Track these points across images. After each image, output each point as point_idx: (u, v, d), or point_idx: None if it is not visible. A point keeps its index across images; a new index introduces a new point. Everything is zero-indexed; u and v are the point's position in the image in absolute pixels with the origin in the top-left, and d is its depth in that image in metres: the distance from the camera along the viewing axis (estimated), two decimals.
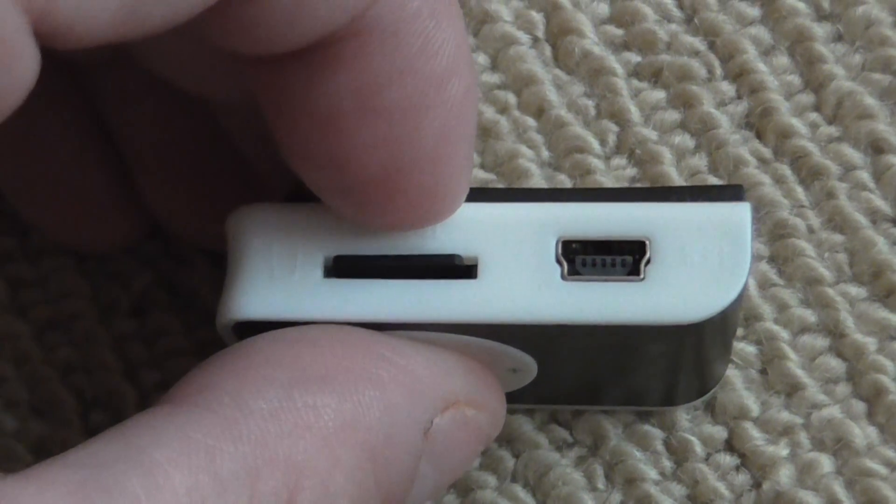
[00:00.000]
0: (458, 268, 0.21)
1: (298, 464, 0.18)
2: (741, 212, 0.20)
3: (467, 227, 0.21)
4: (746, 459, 0.26)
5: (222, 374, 0.19)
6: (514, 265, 0.21)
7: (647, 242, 0.21)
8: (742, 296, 0.21)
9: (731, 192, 0.21)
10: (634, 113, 0.28)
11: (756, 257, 0.25)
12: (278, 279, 0.21)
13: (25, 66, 0.16)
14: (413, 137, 0.20)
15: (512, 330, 0.21)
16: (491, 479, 0.26)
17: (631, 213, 0.21)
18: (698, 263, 0.20)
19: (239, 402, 0.19)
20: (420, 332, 0.21)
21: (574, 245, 0.21)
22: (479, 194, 0.21)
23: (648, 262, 0.20)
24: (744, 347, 0.26)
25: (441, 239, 0.21)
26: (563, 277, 0.21)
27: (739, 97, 0.28)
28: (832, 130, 0.27)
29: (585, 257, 0.21)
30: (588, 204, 0.21)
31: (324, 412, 0.19)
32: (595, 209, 0.21)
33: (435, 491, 0.22)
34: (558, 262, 0.21)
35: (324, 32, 0.19)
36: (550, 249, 0.21)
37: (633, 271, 0.20)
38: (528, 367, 0.23)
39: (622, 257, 0.21)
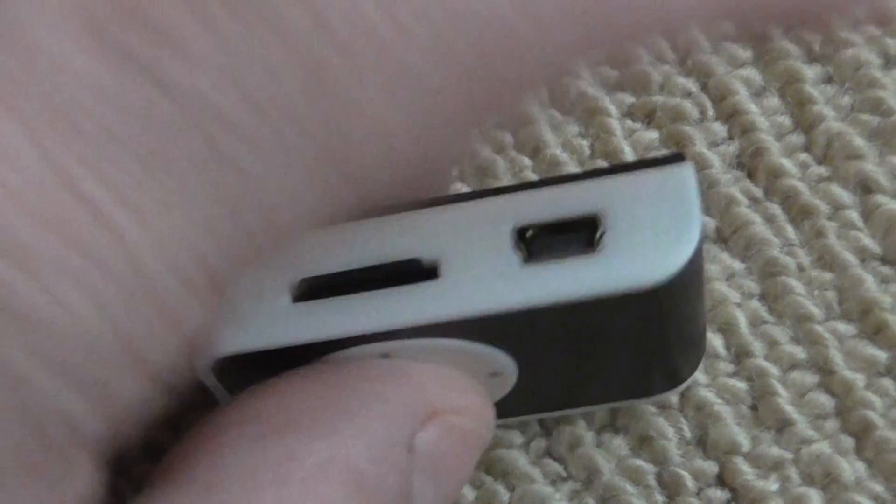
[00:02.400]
0: (420, 271, 0.21)
1: None
2: (685, 172, 0.21)
3: (426, 230, 0.21)
4: (737, 494, 0.26)
5: (196, 444, 0.19)
6: (474, 259, 0.21)
7: (599, 216, 0.21)
8: (699, 259, 0.21)
9: (673, 158, 0.21)
10: (628, 153, 0.28)
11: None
12: (249, 311, 0.21)
13: None
14: None
15: (480, 324, 0.21)
16: None
17: (580, 191, 0.21)
18: (650, 229, 0.20)
19: (215, 469, 0.19)
20: (396, 343, 0.21)
21: (529, 231, 0.21)
22: (435, 200, 0.22)
23: (602, 235, 0.21)
24: (735, 384, 0.27)
25: (401, 245, 0.21)
26: (521, 264, 0.21)
27: (731, 137, 0.28)
28: (822, 170, 0.28)
29: (541, 241, 0.21)
30: (538, 190, 0.21)
31: (300, 456, 0.19)
32: (545, 194, 0.21)
33: (442, 500, 0.22)
34: (516, 249, 0.21)
35: None
36: (507, 239, 0.21)
37: (588, 246, 0.21)
38: (506, 368, 0.23)
39: (576, 235, 0.21)
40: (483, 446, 0.23)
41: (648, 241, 0.20)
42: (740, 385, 0.27)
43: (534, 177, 0.28)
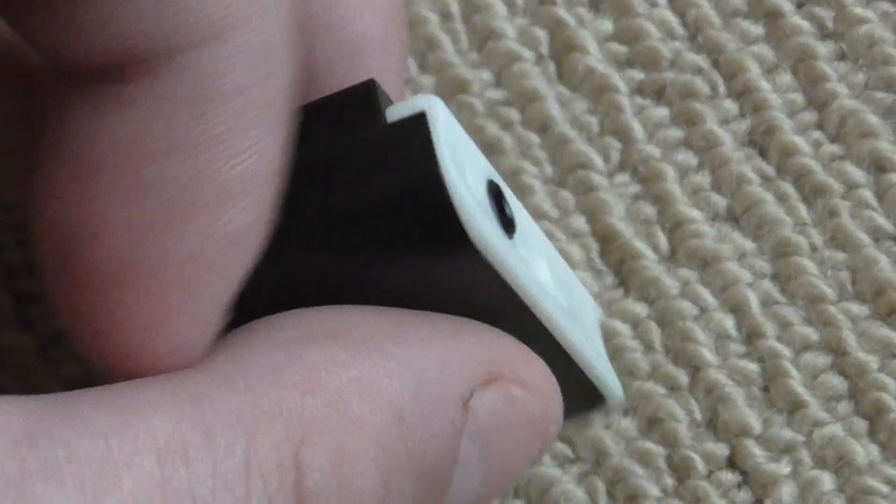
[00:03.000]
0: None
1: (306, 418, 0.16)
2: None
3: None
4: (748, 477, 0.26)
5: (217, 342, 0.17)
6: None
7: None
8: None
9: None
10: (638, 130, 0.28)
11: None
12: None
13: None
14: (160, 242, 0.16)
15: None
16: None
17: None
18: None
19: (236, 358, 0.16)
20: None
21: None
22: None
23: None
24: (746, 365, 0.26)
25: None
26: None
27: (742, 115, 0.28)
28: (835, 149, 0.28)
29: None
30: None
31: (334, 367, 0.16)
32: None
33: (488, 489, 0.19)
34: None
35: (128, 52, 0.16)
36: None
37: None
38: None
39: None
40: (545, 444, 0.20)
41: None
42: (752, 366, 0.26)
43: (542, 154, 0.28)
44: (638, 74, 0.28)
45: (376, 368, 0.17)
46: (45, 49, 0.16)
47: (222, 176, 0.16)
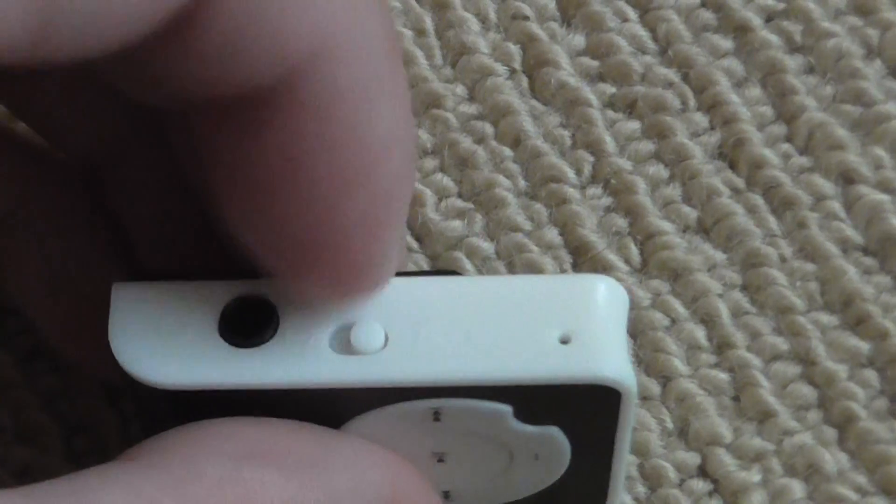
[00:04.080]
0: None
1: None
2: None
3: None
4: (719, 485, 0.26)
5: (176, 441, 0.20)
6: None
7: None
8: None
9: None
10: (609, 143, 0.28)
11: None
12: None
13: None
14: (335, 212, 0.20)
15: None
16: None
17: None
18: None
19: (189, 466, 0.19)
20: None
21: None
22: None
23: None
24: (717, 375, 0.27)
25: None
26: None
27: (713, 128, 0.28)
28: (804, 161, 0.28)
29: None
30: None
31: (269, 487, 0.19)
32: None
33: None
34: None
35: (252, 85, 0.19)
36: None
37: None
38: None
39: None
40: None
41: None
42: (722, 376, 0.27)
43: (515, 168, 0.28)
44: (609, 88, 0.29)
45: (303, 495, 0.19)
46: (185, 94, 0.19)
47: (369, 143, 0.19)
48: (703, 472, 0.26)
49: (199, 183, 0.23)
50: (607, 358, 0.21)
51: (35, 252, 0.24)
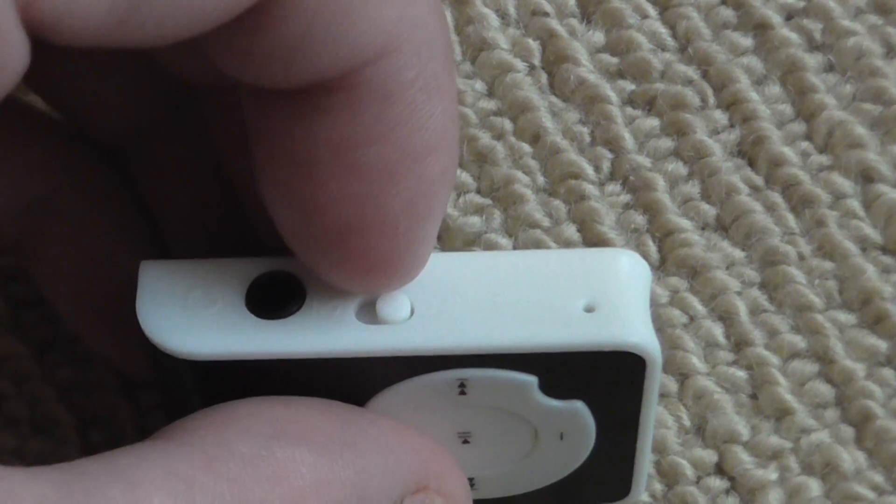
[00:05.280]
0: None
1: None
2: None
3: None
4: (736, 483, 0.26)
5: (206, 421, 0.20)
6: None
7: None
8: None
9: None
10: (628, 140, 0.28)
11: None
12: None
13: (13, 51, 0.16)
14: (379, 202, 0.20)
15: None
16: None
17: None
18: None
19: (221, 444, 0.19)
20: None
21: None
22: None
23: None
24: (735, 372, 0.27)
25: None
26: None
27: (732, 125, 0.28)
28: (823, 159, 0.28)
29: None
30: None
31: (300, 465, 0.19)
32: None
33: None
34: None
35: (319, 78, 0.19)
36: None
37: None
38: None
39: None
40: None
41: None
42: (740, 374, 0.27)
43: (534, 164, 0.28)
44: (629, 85, 0.29)
45: (335, 473, 0.20)
46: (257, 80, 0.20)
47: (422, 136, 0.20)
48: (720, 469, 0.26)
49: (235, 163, 0.23)
50: (632, 325, 0.21)
51: (67, 241, 0.24)
